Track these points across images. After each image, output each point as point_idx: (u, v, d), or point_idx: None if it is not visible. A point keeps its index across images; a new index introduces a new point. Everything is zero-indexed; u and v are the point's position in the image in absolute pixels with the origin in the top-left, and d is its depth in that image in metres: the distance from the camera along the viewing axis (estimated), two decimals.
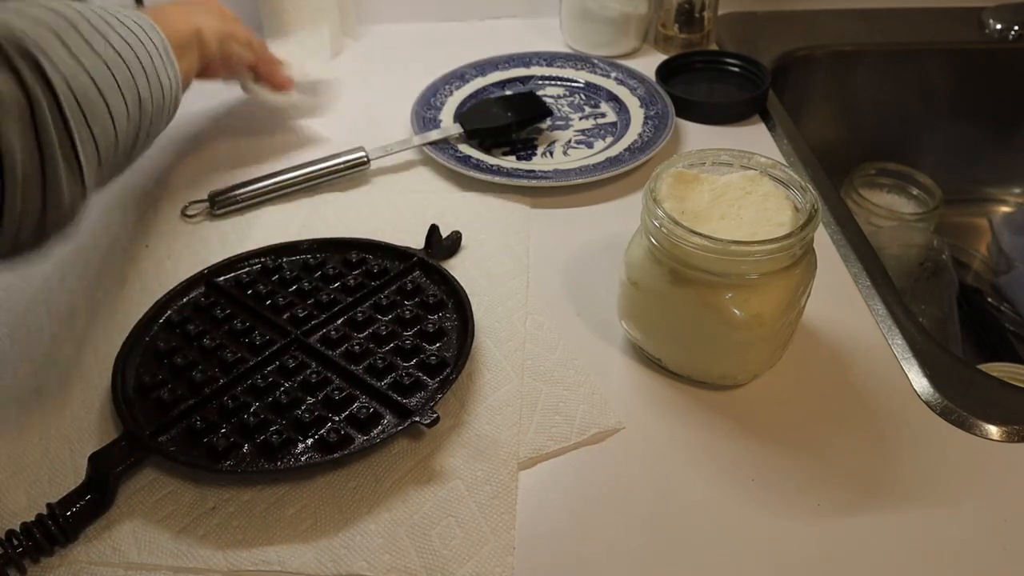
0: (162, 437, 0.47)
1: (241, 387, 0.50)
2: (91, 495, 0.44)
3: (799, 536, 0.44)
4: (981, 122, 0.98)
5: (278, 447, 0.46)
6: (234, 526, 0.44)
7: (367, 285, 0.57)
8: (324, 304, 0.55)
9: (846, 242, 0.63)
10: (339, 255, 0.60)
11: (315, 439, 0.47)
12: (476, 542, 0.43)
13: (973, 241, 0.99)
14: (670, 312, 0.49)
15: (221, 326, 0.54)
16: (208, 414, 0.48)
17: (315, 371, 0.51)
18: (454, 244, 0.62)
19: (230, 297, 0.57)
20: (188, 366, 0.51)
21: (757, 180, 0.50)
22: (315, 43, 0.85)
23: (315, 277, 0.58)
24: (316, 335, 0.53)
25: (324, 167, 0.69)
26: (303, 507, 0.45)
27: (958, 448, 0.48)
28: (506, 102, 0.76)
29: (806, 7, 0.97)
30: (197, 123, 0.79)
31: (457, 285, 0.56)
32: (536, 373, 0.52)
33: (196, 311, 0.56)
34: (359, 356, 0.52)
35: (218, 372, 0.51)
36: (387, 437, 0.47)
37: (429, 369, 0.51)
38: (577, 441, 0.48)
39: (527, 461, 0.47)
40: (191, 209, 0.67)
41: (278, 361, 0.52)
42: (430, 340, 0.53)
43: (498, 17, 0.98)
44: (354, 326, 0.54)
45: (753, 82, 0.82)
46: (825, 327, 0.56)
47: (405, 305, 0.55)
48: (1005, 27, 0.94)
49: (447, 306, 0.55)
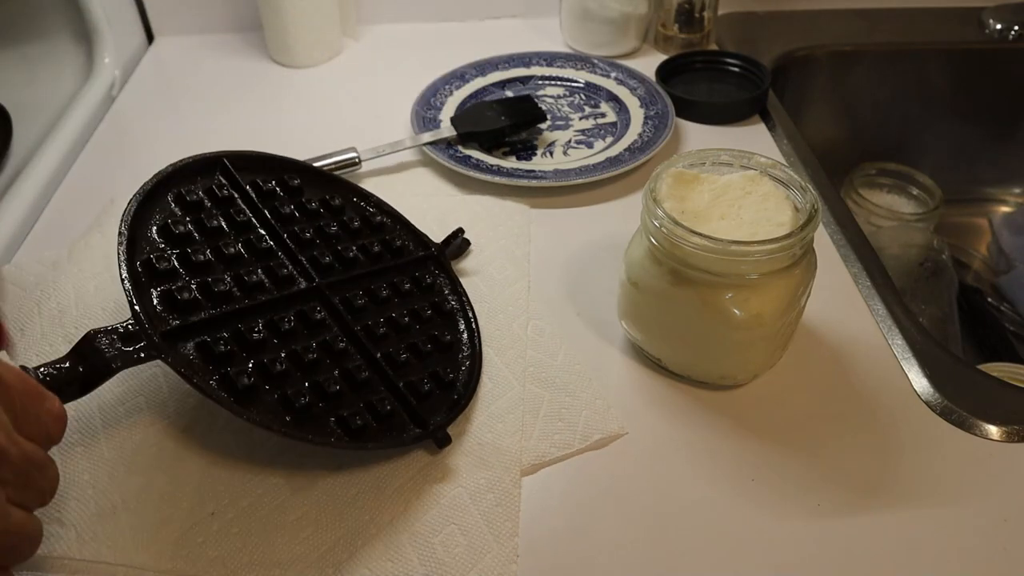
0: (180, 345, 0.43)
1: (262, 320, 0.47)
2: (73, 368, 0.40)
3: (799, 536, 0.44)
4: (981, 122, 0.98)
5: (301, 410, 0.44)
6: (234, 533, 0.43)
7: (385, 259, 0.55)
8: (346, 260, 0.53)
9: (846, 242, 0.63)
10: (362, 207, 0.58)
11: (338, 418, 0.45)
12: (479, 550, 0.43)
13: (973, 241, 0.99)
14: (670, 312, 0.49)
15: (240, 234, 0.50)
16: (227, 338, 0.44)
17: (339, 336, 0.49)
18: (461, 248, 0.62)
19: (249, 201, 0.52)
20: (204, 266, 0.47)
21: (757, 180, 0.50)
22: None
23: (335, 223, 0.55)
24: (338, 294, 0.51)
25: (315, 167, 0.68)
26: (303, 514, 0.45)
27: (958, 448, 0.48)
28: (501, 105, 0.76)
29: (806, 7, 0.97)
30: (193, 120, 0.80)
31: (470, 308, 0.55)
32: (538, 380, 0.52)
33: (212, 198, 0.51)
34: (379, 340, 0.50)
35: (237, 291, 0.47)
36: (403, 446, 0.46)
37: (442, 384, 0.50)
38: (580, 447, 0.48)
39: (530, 468, 0.47)
40: None
41: (302, 307, 0.49)
42: (443, 351, 0.52)
43: (498, 17, 0.98)
44: (375, 301, 0.52)
45: (753, 82, 0.82)
46: (825, 327, 0.56)
47: (422, 301, 0.54)
48: (1005, 27, 0.94)
49: (458, 321, 0.55)
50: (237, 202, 0.52)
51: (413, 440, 0.47)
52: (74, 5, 0.82)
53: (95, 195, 0.69)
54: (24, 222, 0.66)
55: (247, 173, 0.54)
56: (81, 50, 0.85)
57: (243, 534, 0.43)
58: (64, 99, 0.80)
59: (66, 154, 0.74)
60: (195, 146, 0.75)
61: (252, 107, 0.82)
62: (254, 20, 0.92)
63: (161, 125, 0.80)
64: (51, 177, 0.71)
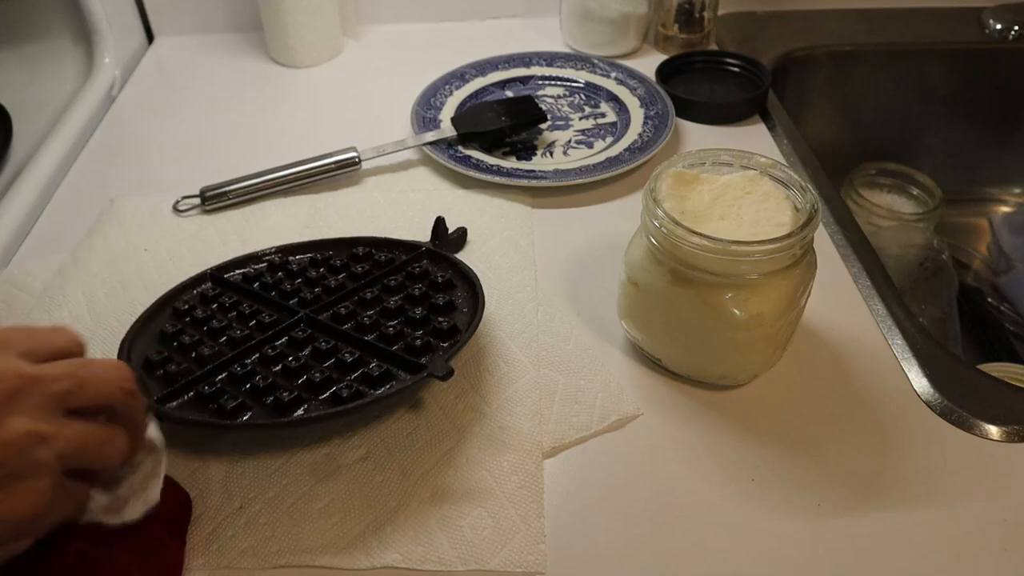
0: (170, 404, 0.47)
1: (250, 359, 0.50)
2: None
3: (799, 536, 0.44)
4: (981, 122, 0.98)
5: (288, 404, 0.46)
6: (262, 523, 0.44)
7: (374, 273, 0.57)
8: (332, 288, 0.55)
9: (846, 242, 0.63)
10: (345, 250, 0.60)
11: (328, 395, 0.47)
12: (507, 531, 0.43)
13: (973, 241, 0.99)
14: (670, 312, 0.49)
15: (228, 312, 0.54)
16: (216, 383, 0.48)
17: (325, 341, 0.50)
18: (460, 239, 0.62)
19: (237, 288, 0.56)
20: (195, 343, 0.51)
21: (757, 180, 0.50)
22: None
23: (321, 270, 0.58)
24: (326, 313, 0.53)
25: (314, 166, 0.69)
26: (331, 501, 0.45)
27: (958, 448, 0.48)
28: (502, 105, 0.76)
29: (806, 7, 0.97)
30: (193, 120, 0.80)
31: (465, 267, 0.56)
32: (552, 364, 0.53)
33: (203, 300, 0.55)
34: (369, 327, 0.51)
35: (226, 347, 0.50)
36: (402, 389, 0.47)
37: (440, 334, 0.51)
38: (598, 429, 0.49)
39: (550, 451, 0.48)
40: (183, 204, 0.67)
41: (288, 335, 0.51)
42: (441, 312, 0.53)
43: (498, 17, 0.98)
44: (363, 304, 0.54)
45: (753, 82, 0.82)
46: (825, 327, 0.56)
47: (414, 286, 0.55)
48: (1005, 27, 0.94)
49: (456, 286, 0.55)
50: (225, 296, 0.56)
51: (412, 382, 0.47)
52: (74, 5, 0.82)
53: (95, 195, 0.69)
54: (24, 222, 0.67)
55: (235, 269, 0.58)
56: (81, 50, 0.85)
57: (271, 524, 0.44)
58: (64, 99, 0.80)
59: (66, 154, 0.74)
60: (195, 146, 0.76)
61: (252, 107, 0.82)
62: (254, 20, 0.92)
63: (161, 125, 0.80)
64: (51, 177, 0.71)
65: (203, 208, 0.67)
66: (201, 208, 0.67)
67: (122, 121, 0.81)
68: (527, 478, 0.46)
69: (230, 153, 0.75)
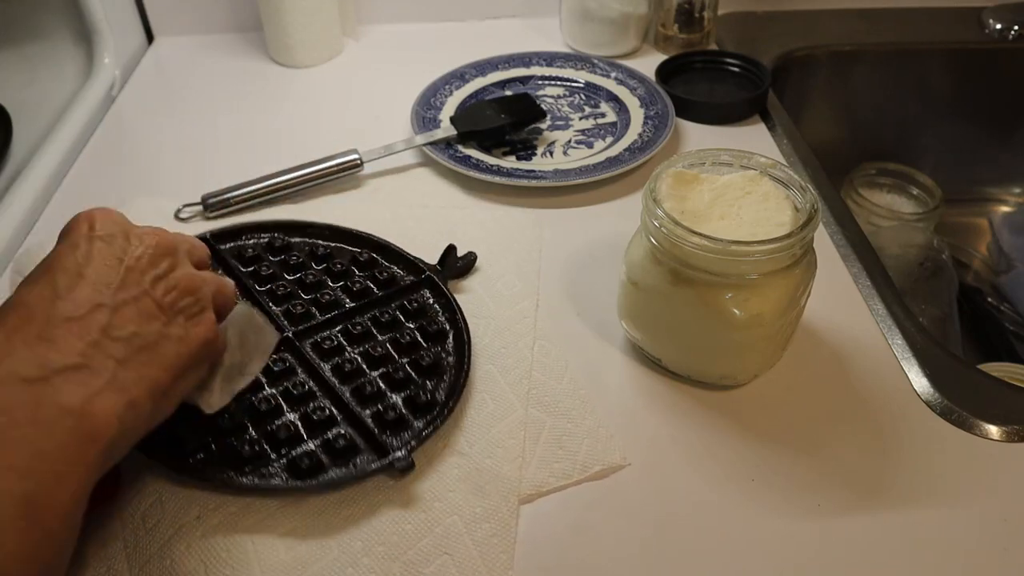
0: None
1: None
2: None
3: (799, 536, 0.44)
4: (981, 122, 0.98)
5: (248, 459, 0.45)
6: (219, 544, 0.43)
7: (371, 293, 0.56)
8: (324, 304, 0.54)
9: (846, 242, 0.63)
10: (350, 250, 0.59)
11: (287, 460, 0.45)
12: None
13: (973, 241, 0.99)
14: (670, 312, 0.49)
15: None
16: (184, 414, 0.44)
17: (301, 381, 0.49)
18: (468, 265, 0.60)
19: (228, 269, 0.54)
20: None
21: (757, 180, 0.50)
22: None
23: (320, 269, 0.56)
24: (309, 340, 0.52)
25: (316, 170, 0.68)
26: (293, 529, 0.43)
27: (958, 448, 0.48)
28: (500, 104, 0.76)
29: (806, 7, 0.97)
30: (193, 120, 0.80)
31: (462, 318, 0.54)
32: (541, 403, 0.50)
33: None
34: (348, 376, 0.50)
35: None
36: (359, 476, 0.45)
37: (416, 407, 0.48)
38: (579, 478, 0.46)
39: (526, 497, 0.46)
40: (184, 212, 0.66)
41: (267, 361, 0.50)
42: (424, 373, 0.51)
43: (498, 17, 0.98)
44: (349, 338, 0.52)
45: (753, 82, 0.82)
46: (825, 327, 0.56)
47: (405, 327, 0.54)
48: (1005, 27, 0.94)
49: (447, 339, 0.53)
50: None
51: (368, 472, 0.45)
52: (74, 5, 0.82)
53: (95, 195, 0.69)
54: (24, 222, 0.66)
55: (233, 240, 0.58)
56: (81, 50, 0.85)
57: (228, 547, 0.42)
58: (64, 99, 0.80)
59: (66, 154, 0.74)
60: (195, 146, 0.76)
61: (252, 107, 0.82)
62: (254, 20, 0.92)
63: (161, 125, 0.80)
64: (51, 177, 0.71)
65: (205, 215, 0.67)
66: (203, 215, 0.67)
67: (122, 121, 0.81)
68: (500, 526, 0.44)
69: (230, 153, 0.75)
